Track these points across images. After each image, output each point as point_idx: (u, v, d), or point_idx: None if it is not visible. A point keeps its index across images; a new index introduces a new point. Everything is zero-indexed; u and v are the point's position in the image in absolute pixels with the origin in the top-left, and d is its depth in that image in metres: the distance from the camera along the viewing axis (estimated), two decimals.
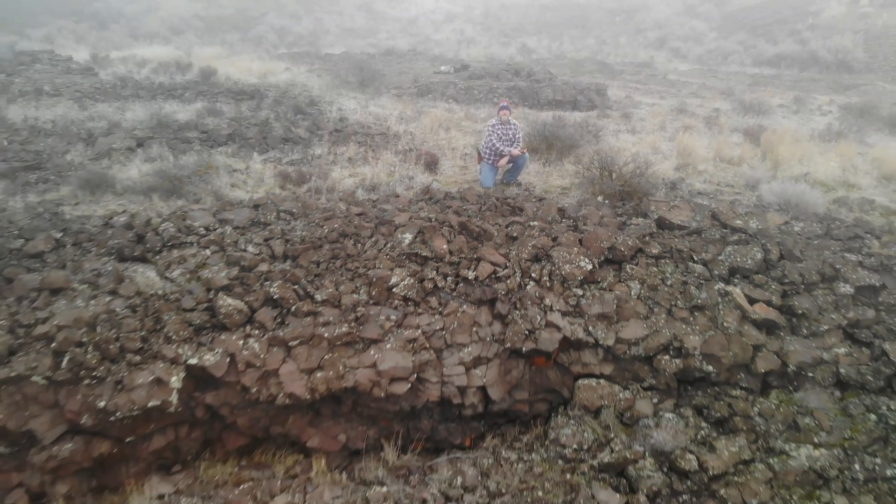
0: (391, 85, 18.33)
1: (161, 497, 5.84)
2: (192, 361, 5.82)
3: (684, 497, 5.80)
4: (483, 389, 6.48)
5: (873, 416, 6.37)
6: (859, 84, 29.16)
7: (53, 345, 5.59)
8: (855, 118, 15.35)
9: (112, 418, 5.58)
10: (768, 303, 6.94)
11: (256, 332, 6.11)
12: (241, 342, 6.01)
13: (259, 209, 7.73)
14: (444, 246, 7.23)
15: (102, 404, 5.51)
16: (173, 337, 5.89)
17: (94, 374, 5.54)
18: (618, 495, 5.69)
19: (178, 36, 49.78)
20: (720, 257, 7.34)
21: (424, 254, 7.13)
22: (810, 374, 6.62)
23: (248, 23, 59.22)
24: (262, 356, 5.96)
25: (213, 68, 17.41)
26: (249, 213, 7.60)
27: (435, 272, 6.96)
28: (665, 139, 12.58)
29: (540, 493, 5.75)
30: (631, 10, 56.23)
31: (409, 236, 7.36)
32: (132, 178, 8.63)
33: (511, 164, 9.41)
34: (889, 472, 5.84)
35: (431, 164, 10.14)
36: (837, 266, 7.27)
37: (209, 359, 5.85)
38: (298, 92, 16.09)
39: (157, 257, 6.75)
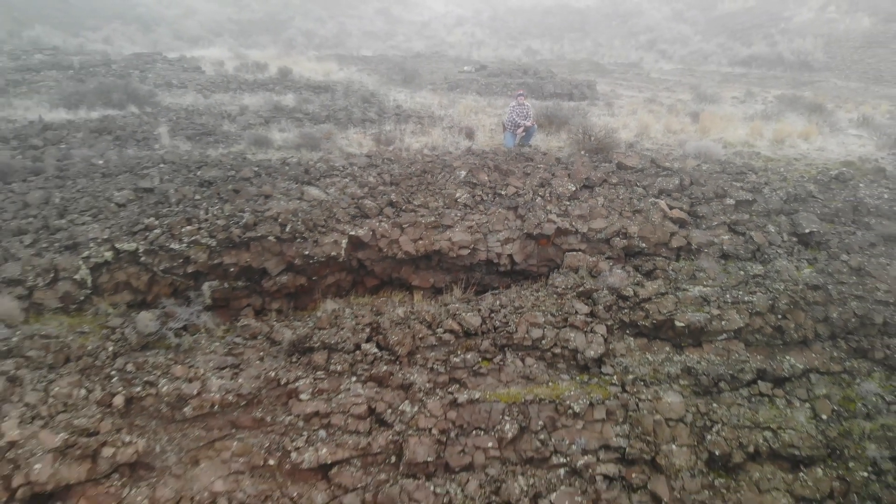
0: (426, 82, 22.64)
1: (333, 310, 10.19)
2: (352, 233, 10.17)
3: (625, 309, 10.14)
4: (511, 256, 10.81)
5: (742, 272, 10.70)
6: (815, 81, 33.28)
7: (279, 220, 9.96)
8: (784, 105, 19.56)
9: (311, 262, 9.95)
10: (681, 209, 11.26)
11: (385, 218, 10.47)
12: (377, 223, 10.36)
13: (370, 157, 12.07)
14: (485, 177, 11.56)
15: (307, 252, 9.87)
16: (340, 220, 10.26)
17: (302, 235, 9.90)
18: (586, 306, 10.05)
19: (218, 38, 53.22)
20: (654, 183, 11.66)
21: (473, 181, 11.47)
22: (705, 250, 10.94)
23: (277, 26, 62.75)
24: (389, 231, 10.31)
25: (288, 68, 21.69)
26: (365, 160, 11.95)
27: (480, 191, 11.30)
28: (633, 119, 16.86)
29: (544, 306, 10.10)
30: (625, 14, 60.22)
31: (463, 172, 11.69)
32: (281, 139, 12.98)
33: (525, 132, 13.65)
34: (746, 298, 10.15)
35: (469, 134, 14.43)
36: (726, 188, 11.59)
37: (360, 232, 10.20)
38: (358, 87, 20.40)
39: (318, 181, 11.11)
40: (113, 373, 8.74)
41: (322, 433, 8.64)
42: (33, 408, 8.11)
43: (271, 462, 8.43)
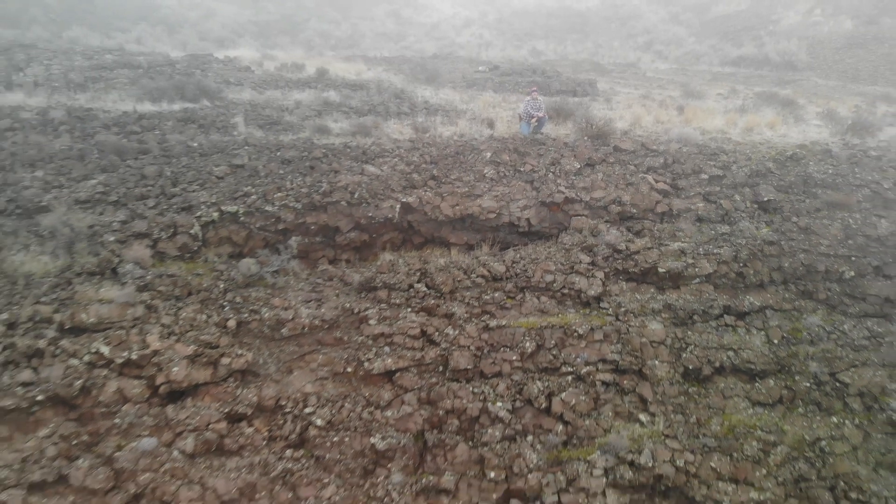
0: (447, 80, 24.97)
1: (389, 260, 12.57)
2: (403, 199, 12.55)
3: (619, 260, 12.49)
4: (528, 220, 13.17)
5: (712, 232, 13.04)
6: (797, 80, 35.48)
7: (349, 188, 12.34)
8: (761, 101, 21.86)
9: (372, 222, 12.34)
10: (665, 182, 13.61)
11: (428, 189, 12.85)
12: (423, 193, 12.74)
13: (413, 142, 14.45)
14: (507, 157, 13.93)
15: (369, 214, 12.27)
16: (394, 189, 12.64)
17: (366, 200, 12.29)
18: (588, 257, 12.42)
19: (241, 38, 54.74)
20: (643, 162, 14.02)
21: (497, 161, 13.84)
22: (683, 214, 13.28)
23: (294, 27, 64.10)
24: (432, 199, 12.69)
25: (325, 68, 24.03)
26: (409, 144, 14.32)
27: (503, 168, 13.67)
28: (628, 111, 19.19)
29: (555, 258, 12.47)
30: (624, 17, 62.23)
31: (488, 154, 14.06)
32: (337, 128, 15.36)
33: (538, 122, 15.94)
34: (715, 251, 12.49)
35: (490, 124, 16.77)
36: (701, 166, 13.95)
37: (410, 199, 12.58)
38: (388, 85, 22.73)
39: (374, 160, 13.49)
40: (225, 303, 11.15)
41: (387, 349, 11.04)
42: (168, 327, 10.55)
43: (349, 370, 10.84)
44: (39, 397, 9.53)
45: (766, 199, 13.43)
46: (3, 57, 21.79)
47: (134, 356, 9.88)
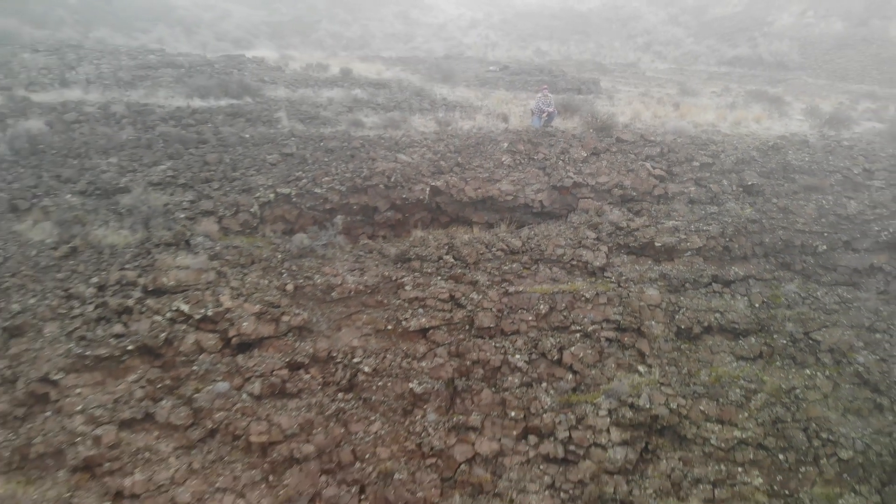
0: (461, 79, 26.48)
1: (420, 236, 14.12)
2: (432, 183, 14.10)
3: (621, 236, 14.01)
4: (541, 201, 14.71)
5: (702, 211, 14.55)
6: (788, 79, 36.90)
7: (386, 173, 13.90)
8: (751, 98, 23.36)
9: (406, 202, 13.90)
10: (661, 169, 15.15)
11: (454, 174, 14.39)
12: (449, 177, 14.29)
13: (438, 134, 16.00)
14: (521, 147, 15.47)
15: (403, 196, 13.83)
16: (424, 174, 14.19)
17: (401, 184, 13.85)
18: (594, 234, 13.97)
19: (256, 39, 55.51)
20: (642, 151, 15.56)
21: (513, 150, 15.38)
22: (677, 197, 14.81)
23: (306, 28, 64.61)
24: (457, 183, 14.24)
25: (349, 68, 25.54)
26: (434, 136, 15.87)
27: (519, 156, 15.21)
28: (629, 107, 20.72)
29: (564, 235, 14.02)
30: (625, 18, 63.45)
31: (505, 144, 15.60)
32: (369, 122, 16.90)
33: (548, 116, 17.46)
34: (705, 228, 13.98)
35: (505, 118, 18.29)
36: (693, 155, 15.47)
37: (438, 183, 14.13)
38: (407, 84, 24.24)
39: (405, 150, 15.05)
40: (283, 271, 12.72)
41: (421, 310, 12.59)
42: (237, 289, 12.13)
43: (389, 327, 12.39)
44: (129, 347, 11.13)
45: (750, 183, 14.96)
46: (55, 56, 23.36)
47: (209, 313, 11.47)
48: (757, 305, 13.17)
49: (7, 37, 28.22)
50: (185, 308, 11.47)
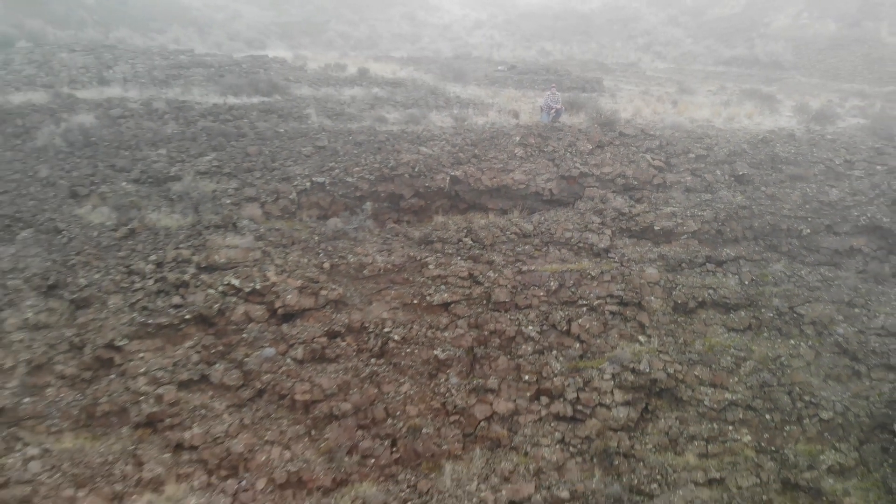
0: (471, 79, 27.62)
1: (441, 221, 15.30)
2: (452, 173, 15.28)
3: (623, 221, 15.16)
4: (550, 190, 15.88)
5: (697, 199, 15.68)
6: (783, 78, 37.94)
7: (410, 164, 15.09)
8: (745, 96, 24.52)
9: (428, 190, 15.10)
10: (660, 160, 16.32)
11: (471, 165, 15.57)
12: (467, 167, 15.47)
13: (455, 129, 17.19)
14: (532, 140, 16.65)
15: (426, 184, 15.02)
16: (444, 164, 15.38)
17: (423, 173, 15.03)
18: (599, 219, 15.15)
19: (268, 39, 56.02)
20: (643, 144, 16.73)
21: (525, 143, 16.55)
22: (675, 185, 15.97)
23: (315, 28, 64.98)
24: (474, 173, 15.42)
25: (366, 68, 26.68)
26: (452, 130, 17.04)
27: (530, 149, 16.38)
28: (630, 104, 21.89)
29: (572, 220, 15.20)
30: (626, 19, 64.24)
31: (517, 137, 16.78)
32: (392, 118, 18.10)
33: (556, 113, 18.63)
34: (700, 213, 15.15)
35: (515, 115, 19.45)
36: (690, 147, 16.63)
37: (457, 173, 15.30)
38: (421, 83, 25.38)
39: (426, 143, 16.23)
40: (320, 251, 13.92)
41: (443, 287, 13.77)
42: (280, 266, 13.32)
43: (415, 302, 13.57)
44: (187, 316, 12.34)
45: (741, 173, 16.14)
46: (92, 56, 24.54)
47: (258, 287, 12.67)
48: (746, 283, 14.30)
49: (33, 37, 29.40)
50: (235, 282, 12.67)
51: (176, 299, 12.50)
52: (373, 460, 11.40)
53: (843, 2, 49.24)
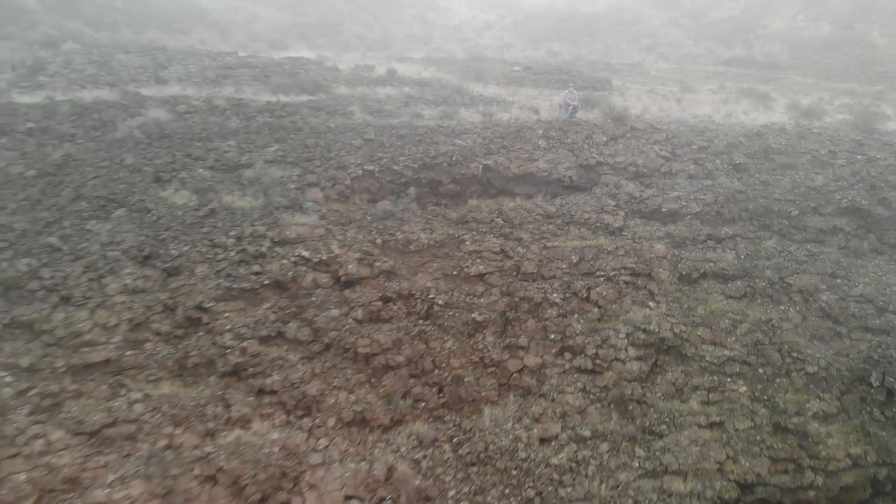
0: (491, 78, 29.37)
1: (475, 204, 17.08)
2: (483, 162, 17.03)
3: (635, 203, 16.90)
4: (570, 177, 17.66)
5: (699, 184, 17.46)
6: (779, 77, 39.49)
7: (448, 153, 16.89)
8: (742, 95, 26.23)
9: (464, 177, 16.89)
10: (667, 151, 18.08)
11: (500, 155, 17.35)
12: (497, 157, 17.24)
13: (484, 123, 18.96)
14: (553, 133, 18.42)
15: (462, 172, 16.81)
16: (477, 154, 17.16)
17: (459, 162, 16.83)
18: (613, 202, 16.92)
19: (287, 40, 57.05)
20: (651, 137, 18.49)
21: (547, 136, 18.32)
22: (679, 173, 17.67)
23: (331, 30, 65.77)
24: (503, 161, 17.20)
25: (393, 69, 28.42)
26: (481, 125, 18.83)
27: (551, 141, 18.15)
28: (639, 102, 23.63)
29: (590, 203, 16.97)
30: (630, 21, 65.56)
31: (540, 131, 18.55)
32: (427, 114, 19.87)
33: (573, 109, 20.37)
34: (701, 197, 16.92)
35: (536, 111, 21.21)
36: (692, 139, 18.36)
37: (488, 161, 17.05)
38: (446, 83, 27.11)
39: (460, 136, 17.99)
40: (372, 229, 15.69)
41: (478, 260, 15.51)
42: (342, 241, 15.09)
43: (454, 273, 15.32)
44: (265, 282, 14.11)
45: (737, 162, 17.90)
46: (147, 57, 26.39)
47: (324, 258, 14.46)
48: (742, 257, 16.00)
49: (73, 38, 31.16)
50: (305, 254, 14.46)
51: (255, 268, 14.27)
52: (423, 403, 13.06)
53: (838, 5, 50.65)
